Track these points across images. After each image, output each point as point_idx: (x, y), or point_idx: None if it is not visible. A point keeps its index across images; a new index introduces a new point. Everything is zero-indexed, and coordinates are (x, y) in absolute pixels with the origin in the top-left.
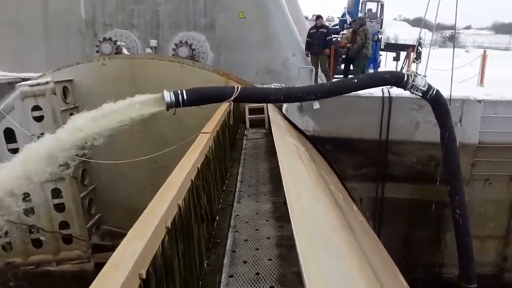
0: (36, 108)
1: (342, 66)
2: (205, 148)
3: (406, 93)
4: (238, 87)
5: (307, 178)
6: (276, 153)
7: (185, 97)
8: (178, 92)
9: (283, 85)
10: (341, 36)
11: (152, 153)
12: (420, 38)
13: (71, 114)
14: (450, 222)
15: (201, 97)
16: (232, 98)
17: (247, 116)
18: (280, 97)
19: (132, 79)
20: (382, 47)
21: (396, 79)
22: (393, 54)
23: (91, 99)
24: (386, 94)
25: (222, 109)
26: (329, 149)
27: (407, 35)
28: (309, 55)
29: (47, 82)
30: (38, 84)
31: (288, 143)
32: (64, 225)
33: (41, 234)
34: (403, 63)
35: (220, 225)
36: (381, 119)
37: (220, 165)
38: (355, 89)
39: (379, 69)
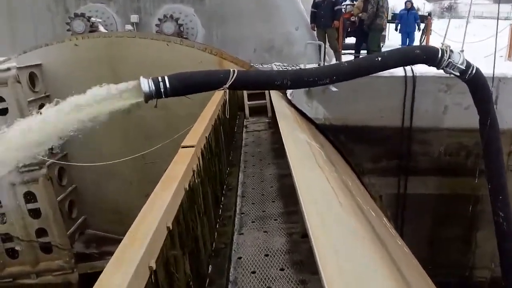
0: None
1: (346, 40)
2: (186, 176)
3: (432, 71)
4: (234, 71)
5: (332, 199)
6: (284, 152)
7: (167, 85)
8: (158, 80)
9: (285, 64)
10: (349, 5)
11: (137, 146)
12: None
13: (42, 105)
14: (483, 220)
15: (188, 85)
16: (227, 85)
17: (246, 102)
18: (286, 83)
19: (110, 61)
20: (389, 18)
21: (428, 55)
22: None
23: (64, 86)
24: (409, 73)
25: (214, 101)
26: (343, 140)
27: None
28: (315, 29)
29: (8, 69)
30: None
31: (299, 141)
32: (41, 232)
33: (16, 243)
34: (421, 36)
35: (213, 285)
36: (403, 103)
37: (213, 185)
38: (379, 69)
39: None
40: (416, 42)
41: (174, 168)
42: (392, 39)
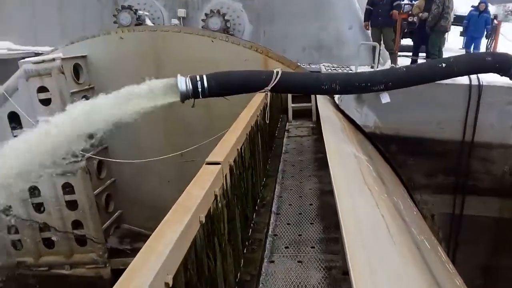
0: (42, 89)
1: (402, 41)
2: (205, 203)
3: (500, 80)
4: (277, 72)
5: (382, 235)
6: (327, 163)
7: (205, 84)
8: (196, 79)
9: (334, 65)
10: (407, 4)
11: (177, 142)
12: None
13: (85, 97)
14: None
15: (227, 86)
16: (268, 88)
17: (290, 104)
18: (335, 87)
19: (154, 55)
20: (452, 19)
21: (501, 63)
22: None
23: (108, 79)
24: (474, 81)
25: (253, 105)
26: (394, 151)
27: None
28: (368, 27)
29: (53, 59)
30: (43, 61)
31: (345, 156)
32: (77, 224)
33: (52, 233)
34: (489, 41)
35: None
36: (465, 115)
37: (243, 204)
38: (443, 76)
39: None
40: (482, 49)
41: (190, 193)
42: (452, 42)
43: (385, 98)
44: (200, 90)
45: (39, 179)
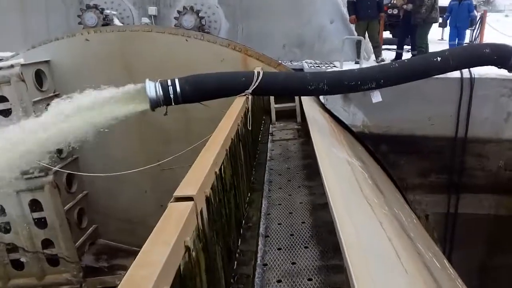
0: (2, 99)
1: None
2: (171, 262)
3: (493, 72)
4: (258, 73)
5: (392, 262)
6: (318, 171)
7: (178, 89)
8: (167, 83)
9: (317, 61)
10: None
11: (154, 150)
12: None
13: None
14: None
15: (203, 90)
16: (249, 91)
17: (273, 105)
18: (323, 87)
19: (124, 58)
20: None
21: (500, 55)
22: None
23: (74, 85)
24: (466, 74)
25: (232, 113)
26: (385, 150)
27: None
28: (356, 21)
29: (11, 66)
30: (0, 69)
31: (338, 163)
32: (48, 243)
33: (21, 254)
34: (475, 32)
35: None
36: (457, 110)
37: (225, 236)
38: (438, 71)
39: None
40: (467, 40)
41: (149, 252)
42: (433, 33)
43: (376, 97)
44: (172, 96)
45: (3, 197)
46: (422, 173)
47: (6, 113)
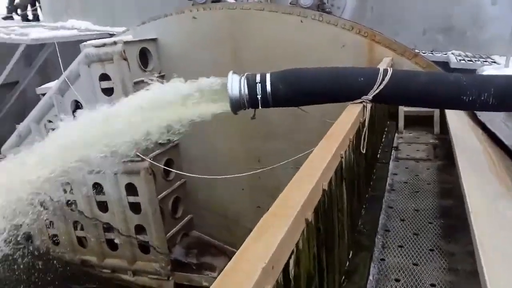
0: (105, 77)
1: None
2: None
3: None
4: (385, 71)
5: None
6: (463, 224)
7: (268, 89)
8: (255, 79)
9: (468, 54)
10: None
11: (253, 145)
12: None
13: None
14: None
15: (302, 92)
16: (369, 96)
17: (401, 108)
18: (488, 99)
19: (232, 39)
20: None
21: None
22: None
23: (179, 67)
24: None
25: (338, 131)
26: None
27: None
28: None
29: (114, 43)
30: (104, 45)
31: (501, 223)
32: (140, 229)
33: (115, 235)
34: None
35: None
36: None
37: None
38: None
39: None
40: None
41: None
42: None
43: None
44: (260, 96)
45: (102, 176)
46: None
47: (109, 92)
